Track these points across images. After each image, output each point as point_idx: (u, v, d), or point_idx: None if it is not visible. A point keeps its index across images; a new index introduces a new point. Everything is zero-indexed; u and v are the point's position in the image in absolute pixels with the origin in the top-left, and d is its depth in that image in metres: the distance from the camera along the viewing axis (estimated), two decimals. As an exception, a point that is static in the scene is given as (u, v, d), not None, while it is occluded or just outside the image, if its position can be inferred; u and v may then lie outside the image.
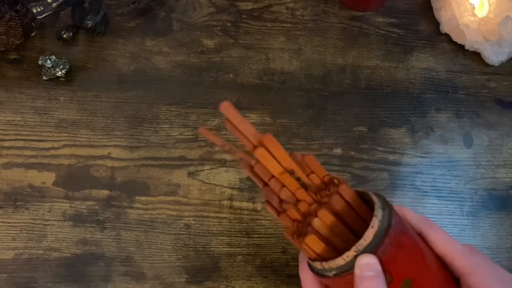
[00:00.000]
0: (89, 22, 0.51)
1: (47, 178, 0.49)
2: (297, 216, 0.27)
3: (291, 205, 0.27)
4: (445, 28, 0.58)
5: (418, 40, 0.58)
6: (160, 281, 0.47)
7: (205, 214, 0.49)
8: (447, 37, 0.59)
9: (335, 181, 0.28)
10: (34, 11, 0.44)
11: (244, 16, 0.57)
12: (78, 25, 0.52)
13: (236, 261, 0.48)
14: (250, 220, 0.49)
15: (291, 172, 0.27)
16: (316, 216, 0.26)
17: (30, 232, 0.47)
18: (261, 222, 0.49)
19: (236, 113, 0.26)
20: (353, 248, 0.26)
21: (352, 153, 0.53)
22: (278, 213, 0.28)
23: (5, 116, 0.50)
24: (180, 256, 0.48)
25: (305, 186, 0.27)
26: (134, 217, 0.48)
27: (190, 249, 0.48)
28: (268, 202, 0.28)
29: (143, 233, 0.48)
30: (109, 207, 0.48)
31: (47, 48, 0.53)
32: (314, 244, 0.26)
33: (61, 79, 0.51)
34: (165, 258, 0.48)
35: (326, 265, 0.27)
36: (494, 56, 0.57)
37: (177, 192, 0.50)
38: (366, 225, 0.26)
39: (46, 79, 0.51)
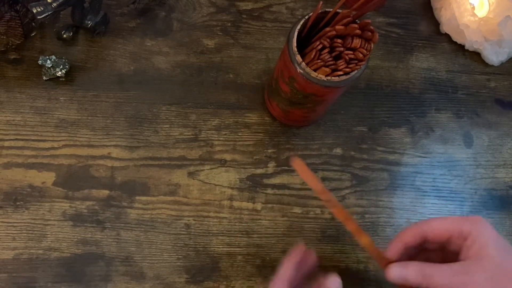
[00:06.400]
0: (89, 22, 0.51)
1: (47, 178, 0.49)
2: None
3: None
4: (445, 28, 0.58)
5: (418, 40, 0.58)
6: (160, 281, 0.47)
7: (205, 214, 0.49)
8: (447, 37, 0.59)
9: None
10: (34, 11, 0.43)
11: (244, 16, 0.57)
12: (78, 25, 0.52)
13: (236, 261, 0.48)
14: (250, 220, 0.49)
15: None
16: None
17: (30, 232, 0.47)
18: (261, 222, 0.49)
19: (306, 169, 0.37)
20: None
21: (352, 153, 0.53)
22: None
23: (5, 116, 0.50)
24: (180, 256, 0.48)
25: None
26: (134, 217, 0.48)
27: (190, 249, 0.48)
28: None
29: (143, 233, 0.48)
30: (109, 207, 0.48)
31: (47, 48, 0.53)
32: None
33: (61, 79, 0.51)
34: (165, 258, 0.48)
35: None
36: (494, 56, 0.57)
37: (177, 192, 0.50)
38: None
39: (46, 79, 0.51)
